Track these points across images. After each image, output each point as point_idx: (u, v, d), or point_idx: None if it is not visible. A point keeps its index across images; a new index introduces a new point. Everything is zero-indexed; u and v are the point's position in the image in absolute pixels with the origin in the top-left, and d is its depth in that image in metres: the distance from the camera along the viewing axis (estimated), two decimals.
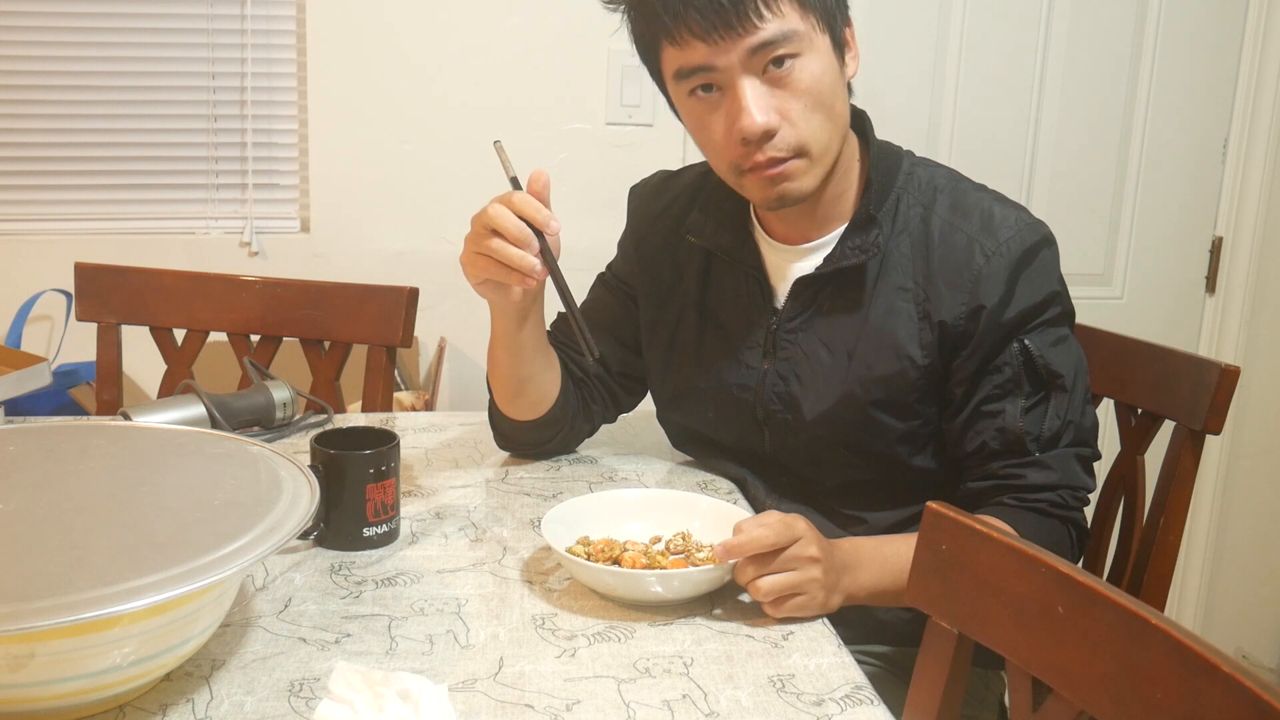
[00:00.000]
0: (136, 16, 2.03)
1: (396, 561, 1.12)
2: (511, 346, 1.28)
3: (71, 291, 1.85)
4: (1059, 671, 0.79)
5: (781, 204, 1.18)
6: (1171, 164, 2.35)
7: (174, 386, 1.71)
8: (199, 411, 1.39)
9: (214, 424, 1.38)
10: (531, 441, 1.40)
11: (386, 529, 1.15)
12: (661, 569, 1.05)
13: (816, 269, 1.24)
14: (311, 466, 1.09)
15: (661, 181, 1.42)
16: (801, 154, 1.15)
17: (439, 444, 1.47)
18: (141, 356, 1.88)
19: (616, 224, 1.46)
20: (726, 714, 0.88)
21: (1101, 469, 1.29)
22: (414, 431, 1.51)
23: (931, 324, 1.20)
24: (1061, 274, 1.22)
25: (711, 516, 1.15)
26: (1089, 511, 1.25)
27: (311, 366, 1.73)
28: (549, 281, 1.18)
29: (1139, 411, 1.43)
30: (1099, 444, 1.25)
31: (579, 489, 1.31)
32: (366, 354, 1.72)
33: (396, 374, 1.86)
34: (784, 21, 1.10)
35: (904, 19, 2.20)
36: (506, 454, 1.43)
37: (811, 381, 1.25)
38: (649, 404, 1.45)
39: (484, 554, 1.15)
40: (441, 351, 2.09)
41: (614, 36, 2.03)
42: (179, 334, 1.74)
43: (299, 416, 1.51)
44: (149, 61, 2.05)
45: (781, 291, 1.27)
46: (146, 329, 1.75)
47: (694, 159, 1.33)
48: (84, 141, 2.06)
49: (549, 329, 1.37)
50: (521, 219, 1.13)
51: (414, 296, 1.70)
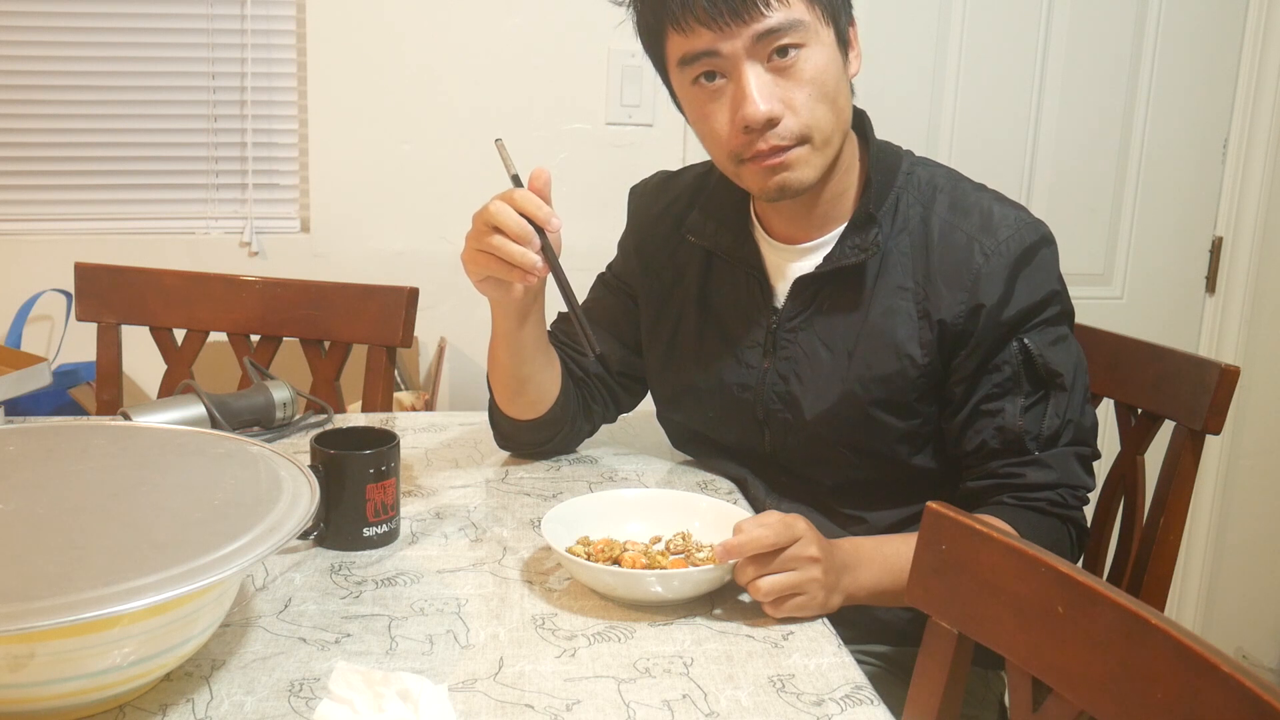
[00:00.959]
0: (136, 16, 2.03)
1: (396, 561, 1.12)
2: (512, 345, 1.28)
3: (71, 291, 1.85)
4: (1059, 671, 0.79)
5: (781, 195, 1.18)
6: (1171, 164, 2.35)
7: (174, 386, 1.71)
8: (199, 411, 1.39)
9: (214, 424, 1.38)
10: (532, 441, 1.40)
11: (386, 529, 1.15)
12: (661, 569, 1.05)
13: (816, 268, 1.24)
14: (311, 466, 1.09)
15: (662, 182, 1.42)
16: (804, 142, 1.15)
17: (439, 444, 1.47)
18: (141, 356, 1.88)
19: (616, 224, 1.46)
20: (726, 714, 0.88)
21: (1101, 469, 1.29)
22: (414, 431, 1.51)
23: (931, 323, 1.20)
24: (1061, 273, 1.22)
25: (711, 516, 1.15)
26: (1089, 511, 1.25)
27: (311, 366, 1.73)
28: (550, 280, 1.19)
29: (1139, 411, 1.43)
30: (1099, 443, 1.25)
31: (579, 489, 1.31)
32: (366, 354, 1.72)
33: (396, 374, 1.86)
34: (790, 11, 1.11)
35: (904, 19, 2.20)
36: (506, 454, 1.43)
37: (811, 381, 1.25)
38: (649, 404, 1.45)
39: (484, 554, 1.15)
40: (441, 351, 2.09)
41: (614, 37, 2.03)
42: (179, 334, 1.74)
43: (299, 416, 1.51)
44: (149, 61, 2.05)
45: (781, 291, 1.27)
46: (146, 329, 1.75)
47: (694, 159, 1.34)
48: (84, 141, 2.06)
49: (549, 328, 1.37)
50: (523, 216, 1.13)
51: (414, 296, 1.70)
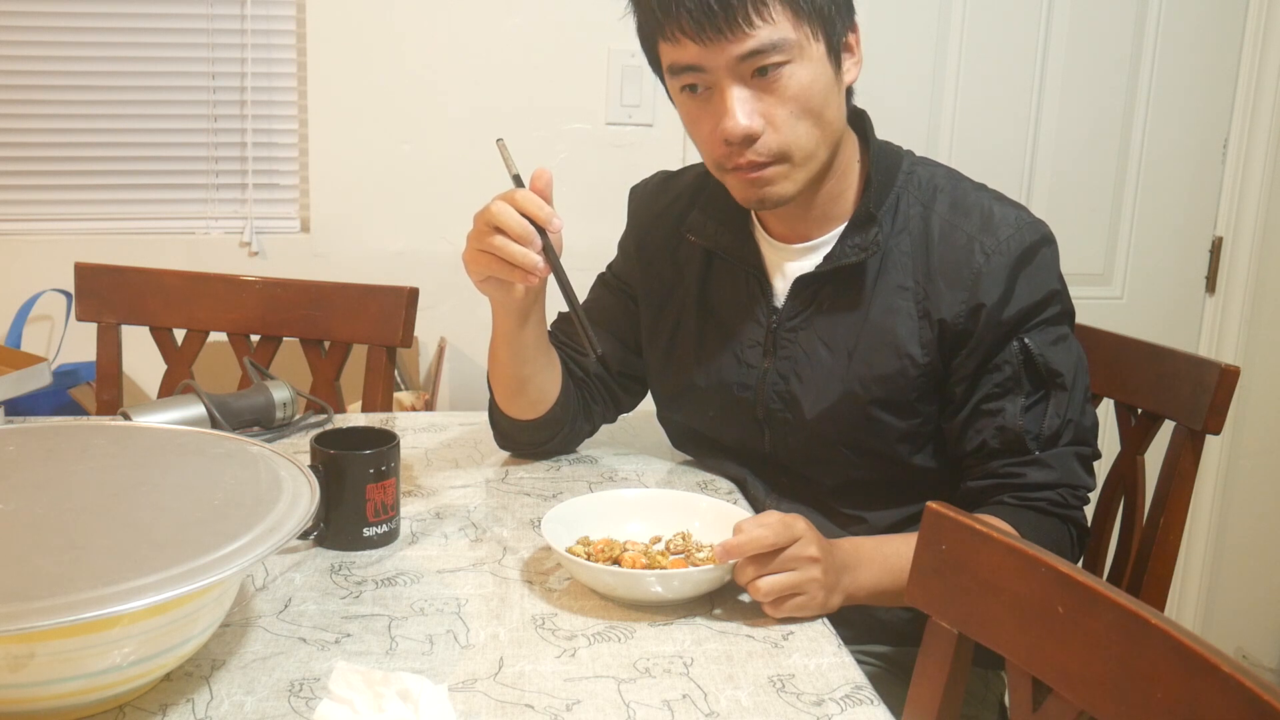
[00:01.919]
0: (136, 16, 2.03)
1: (396, 561, 1.12)
2: (513, 345, 1.28)
3: (71, 291, 1.85)
4: (1059, 671, 0.79)
5: (762, 206, 1.19)
6: (1171, 164, 2.35)
7: (174, 386, 1.71)
8: (199, 411, 1.39)
9: (214, 424, 1.38)
10: (532, 441, 1.40)
11: (386, 529, 1.15)
12: (661, 569, 1.05)
13: (817, 268, 1.24)
14: (311, 466, 1.09)
15: (662, 181, 1.42)
16: (783, 159, 1.15)
17: (439, 444, 1.47)
18: (141, 356, 1.88)
19: (616, 224, 1.46)
20: (726, 714, 0.88)
21: (1101, 469, 1.29)
22: (414, 431, 1.51)
23: (931, 322, 1.20)
24: (1061, 273, 1.22)
25: (711, 516, 1.15)
26: (1089, 511, 1.25)
27: (311, 366, 1.73)
28: (551, 280, 1.19)
29: (1139, 411, 1.43)
30: (1099, 443, 1.25)
31: (579, 489, 1.31)
32: (366, 354, 1.72)
33: (396, 374, 1.86)
34: (775, 29, 1.10)
35: (904, 19, 2.20)
36: (506, 454, 1.43)
37: (811, 380, 1.25)
38: (649, 404, 1.45)
39: (484, 554, 1.15)
40: (441, 351, 2.09)
41: (614, 37, 2.03)
42: (179, 334, 1.74)
43: (299, 416, 1.51)
44: (149, 61, 2.05)
45: (781, 290, 1.27)
46: (146, 329, 1.75)
47: (694, 159, 1.34)
48: (84, 141, 2.06)
49: (550, 328, 1.37)
50: (524, 216, 1.13)
51: (414, 296, 1.70)
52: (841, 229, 1.24)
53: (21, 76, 2.02)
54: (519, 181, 1.17)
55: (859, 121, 1.26)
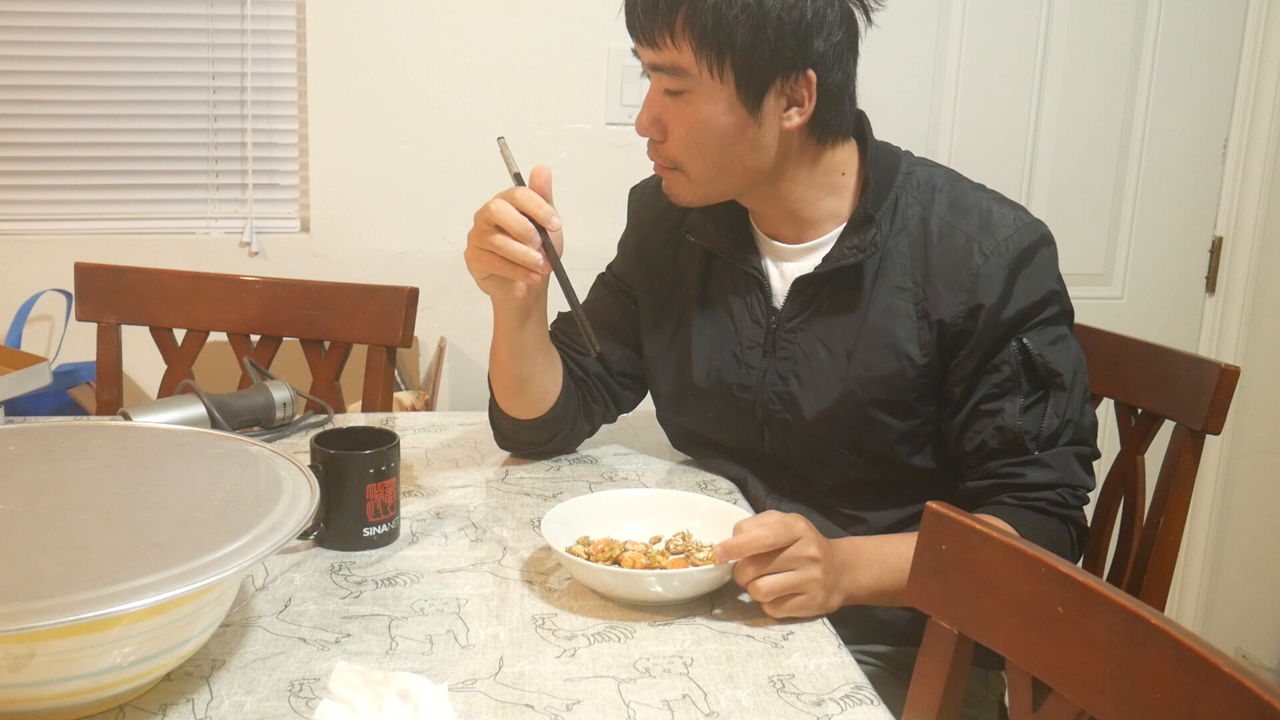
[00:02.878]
0: (136, 16, 2.03)
1: (396, 561, 1.13)
2: (514, 344, 1.28)
3: (71, 291, 1.85)
4: (1059, 671, 0.79)
5: (670, 200, 1.26)
6: (1171, 164, 2.35)
7: (174, 386, 1.71)
8: (199, 411, 1.39)
9: (214, 424, 1.38)
10: (532, 441, 1.40)
11: (386, 529, 1.15)
12: (661, 569, 1.05)
13: (815, 268, 1.24)
14: (311, 466, 1.09)
15: (661, 181, 1.42)
16: (677, 170, 1.22)
17: (439, 444, 1.47)
18: (141, 356, 1.88)
19: (616, 224, 1.46)
20: (726, 714, 0.88)
21: (1101, 469, 1.29)
22: (414, 431, 1.51)
23: (930, 323, 1.20)
24: (1060, 273, 1.22)
25: (711, 516, 1.15)
26: (1089, 511, 1.25)
27: (311, 366, 1.73)
28: (552, 279, 1.19)
29: (1139, 411, 1.43)
30: (1099, 443, 1.25)
31: (579, 489, 1.31)
32: (366, 354, 1.72)
33: (396, 374, 1.86)
34: (676, 55, 1.15)
35: (903, 20, 2.20)
36: (506, 454, 1.43)
37: (811, 381, 1.25)
38: (649, 404, 1.45)
39: (484, 554, 1.15)
40: (441, 351, 2.09)
41: (614, 37, 2.03)
42: (179, 334, 1.74)
43: (299, 416, 1.51)
44: (149, 61, 2.05)
45: (781, 291, 1.27)
46: (146, 329, 1.75)
47: None
48: (84, 141, 2.05)
49: (551, 328, 1.37)
50: (524, 214, 1.13)
51: (414, 296, 1.70)
52: (840, 230, 1.24)
53: (21, 76, 2.02)
54: (520, 180, 1.17)
55: (857, 123, 1.26)
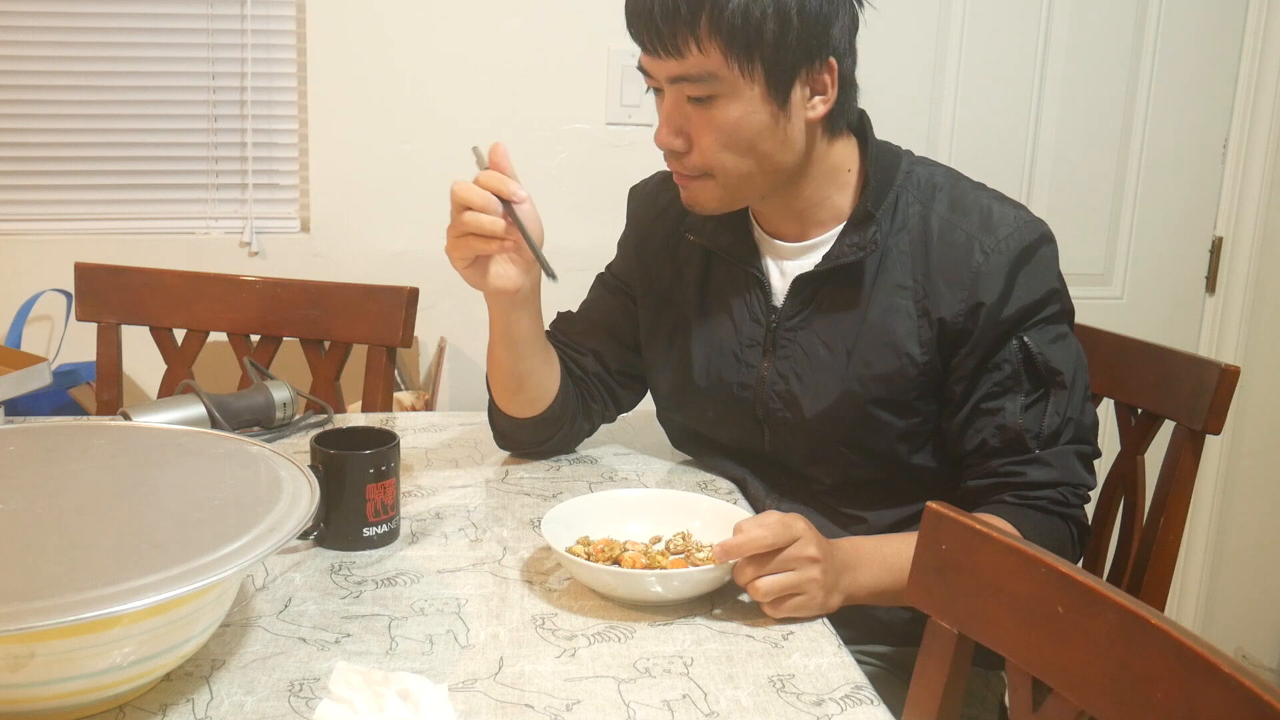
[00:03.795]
0: (136, 16, 2.03)
1: (396, 561, 1.13)
2: (510, 340, 1.28)
3: (71, 291, 1.85)
4: (1059, 671, 0.79)
5: (693, 210, 1.25)
6: (1171, 164, 2.35)
7: (174, 386, 1.71)
8: (199, 411, 1.39)
9: (214, 424, 1.38)
10: (531, 440, 1.40)
11: (386, 529, 1.15)
12: (661, 569, 1.05)
13: (816, 267, 1.24)
14: (311, 466, 1.09)
15: (661, 181, 1.42)
16: (706, 178, 1.19)
17: (439, 444, 1.47)
18: (141, 356, 1.88)
19: (616, 224, 1.46)
20: (726, 714, 0.88)
21: (1101, 469, 1.29)
22: (414, 431, 1.51)
23: (931, 321, 1.20)
24: (1060, 272, 1.22)
25: (711, 516, 1.15)
26: (1089, 510, 1.25)
27: (311, 366, 1.73)
28: (548, 283, 1.20)
29: (1139, 411, 1.43)
30: (1099, 443, 1.25)
31: (579, 489, 1.31)
32: (366, 354, 1.72)
33: (396, 374, 1.86)
34: (705, 61, 1.12)
35: (904, 18, 2.20)
36: (506, 454, 1.43)
37: (811, 380, 1.25)
38: (649, 404, 1.45)
39: (484, 554, 1.15)
40: (441, 351, 2.09)
41: (614, 37, 2.03)
42: (179, 334, 1.74)
43: (299, 416, 1.51)
44: (149, 61, 2.05)
45: (781, 290, 1.27)
46: (146, 329, 1.75)
47: None
48: (84, 141, 2.06)
49: (548, 329, 1.37)
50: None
51: (414, 296, 1.70)
52: (840, 228, 1.24)
53: (21, 76, 2.02)
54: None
55: (858, 122, 1.26)
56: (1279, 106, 2.31)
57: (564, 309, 1.45)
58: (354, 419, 1.60)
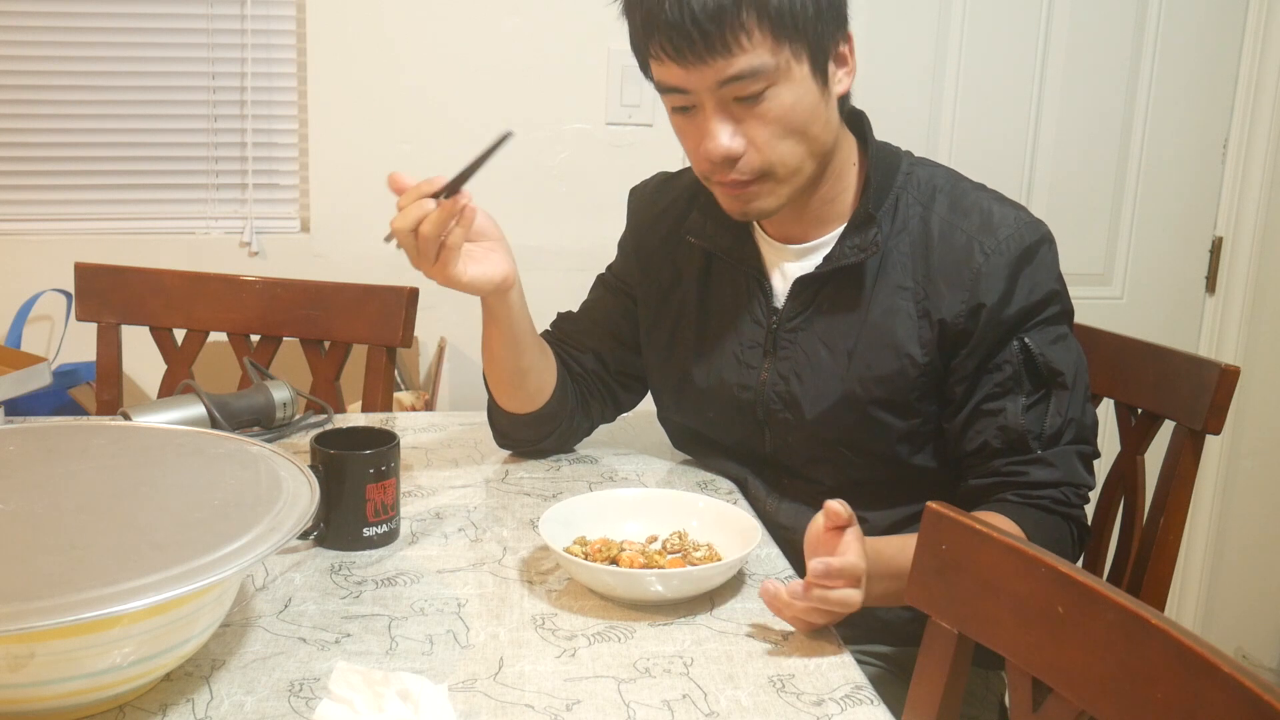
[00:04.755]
0: (136, 16, 2.03)
1: (396, 561, 1.12)
2: (503, 332, 1.27)
3: (71, 291, 1.85)
4: (1059, 671, 0.79)
5: (746, 218, 1.22)
6: (1171, 164, 2.35)
7: (174, 386, 1.71)
8: (199, 411, 1.39)
9: (214, 424, 1.38)
10: (530, 437, 1.40)
11: (386, 529, 1.15)
12: (659, 568, 1.05)
13: (816, 268, 1.24)
14: (311, 466, 1.09)
15: (661, 182, 1.42)
16: (766, 177, 1.16)
17: (439, 444, 1.47)
18: (141, 356, 1.88)
19: (616, 224, 1.46)
20: (726, 714, 0.88)
21: (1101, 469, 1.29)
22: (414, 431, 1.51)
23: (931, 322, 1.20)
24: (1061, 272, 1.22)
25: (708, 516, 1.15)
26: (1089, 510, 1.25)
27: (311, 366, 1.73)
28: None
29: (1139, 411, 1.43)
30: (1099, 443, 1.25)
31: (579, 489, 1.31)
32: (366, 354, 1.72)
33: (396, 374, 1.86)
34: (754, 55, 1.09)
35: (904, 20, 2.20)
36: (506, 454, 1.43)
37: (812, 381, 1.25)
38: (649, 404, 1.45)
39: (484, 554, 1.15)
40: (441, 351, 2.09)
41: (614, 37, 2.03)
42: (179, 334, 1.74)
43: (299, 416, 1.51)
44: (149, 61, 2.04)
45: (781, 291, 1.27)
46: (146, 329, 1.75)
47: None
48: (84, 141, 2.05)
49: (546, 329, 1.37)
50: (415, 210, 1.18)
51: (414, 296, 1.70)
52: (841, 230, 1.24)
53: (21, 76, 2.02)
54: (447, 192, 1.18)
55: (858, 123, 1.26)
56: (1279, 106, 2.31)
57: (564, 309, 1.45)
58: (354, 419, 1.60)
